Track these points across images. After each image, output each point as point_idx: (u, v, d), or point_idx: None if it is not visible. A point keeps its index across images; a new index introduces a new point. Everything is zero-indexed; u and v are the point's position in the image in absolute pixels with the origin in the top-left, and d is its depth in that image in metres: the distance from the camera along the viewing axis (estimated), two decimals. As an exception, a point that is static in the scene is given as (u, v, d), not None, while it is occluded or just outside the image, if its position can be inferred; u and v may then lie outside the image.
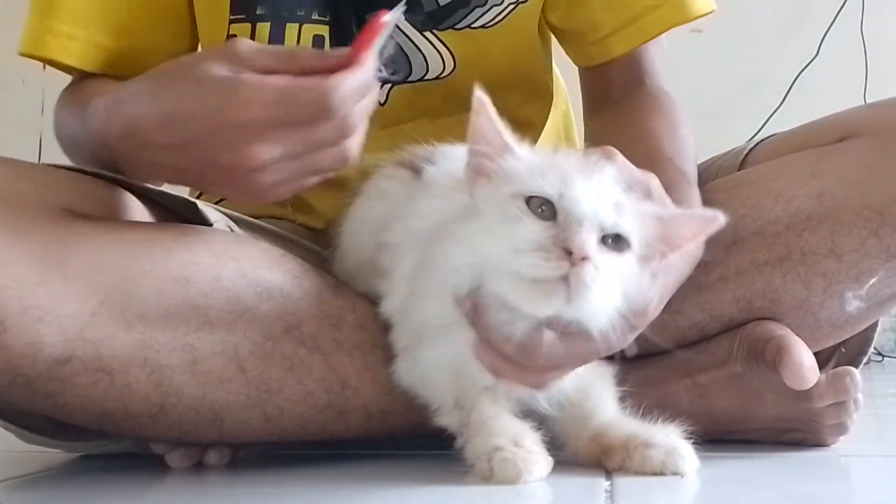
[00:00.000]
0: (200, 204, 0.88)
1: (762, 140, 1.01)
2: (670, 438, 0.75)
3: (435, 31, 1.01)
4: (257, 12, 0.99)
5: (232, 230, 0.90)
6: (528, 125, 1.03)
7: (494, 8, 1.01)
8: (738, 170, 0.98)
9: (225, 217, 0.90)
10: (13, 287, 0.73)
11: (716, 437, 0.87)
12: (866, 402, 0.89)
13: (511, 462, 0.72)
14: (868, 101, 1.97)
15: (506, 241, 0.70)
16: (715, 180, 0.97)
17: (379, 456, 0.86)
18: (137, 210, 0.85)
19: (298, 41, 1.00)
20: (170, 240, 0.81)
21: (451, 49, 1.02)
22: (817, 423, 0.89)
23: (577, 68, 1.08)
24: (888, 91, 2.08)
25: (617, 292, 0.70)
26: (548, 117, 1.12)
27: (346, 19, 1.00)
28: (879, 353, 2.00)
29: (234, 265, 0.81)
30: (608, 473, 0.76)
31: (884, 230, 0.87)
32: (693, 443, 0.76)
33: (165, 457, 0.86)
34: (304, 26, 1.00)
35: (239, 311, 0.80)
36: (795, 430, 0.90)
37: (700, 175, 0.99)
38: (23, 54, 0.99)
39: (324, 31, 1.00)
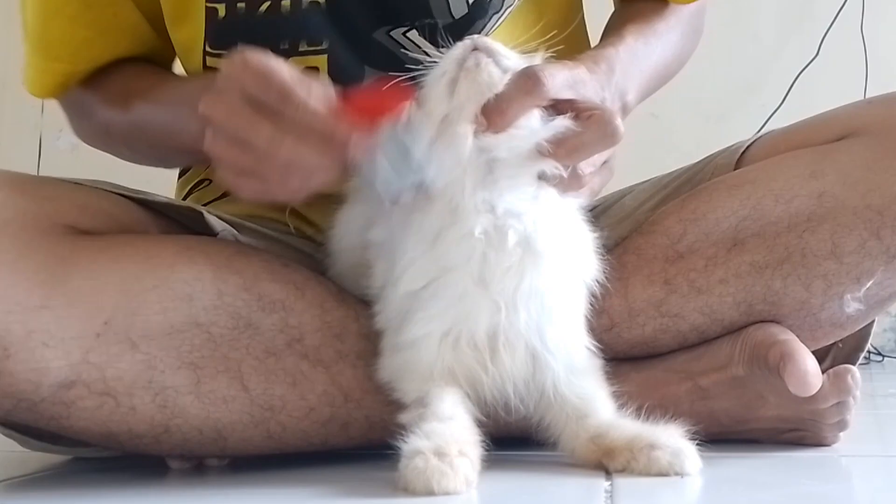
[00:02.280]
0: (206, 213, 0.88)
1: (759, 137, 1.00)
2: (675, 439, 0.75)
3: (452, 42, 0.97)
4: (238, 48, 0.95)
5: (236, 238, 0.89)
6: None
7: (510, 9, 0.98)
8: (735, 167, 0.97)
9: (228, 226, 0.90)
10: (17, 311, 0.73)
11: (716, 437, 0.87)
12: (866, 402, 0.89)
13: (420, 472, 0.68)
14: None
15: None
16: (712, 178, 0.96)
17: (379, 456, 0.85)
18: (142, 221, 0.85)
19: None
20: (172, 255, 0.80)
21: None
22: (819, 422, 0.89)
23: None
24: (888, 91, 2.08)
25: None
26: None
27: (363, 40, 0.94)
28: (879, 353, 2.00)
29: (237, 279, 0.81)
30: (608, 473, 0.76)
31: (884, 231, 0.87)
32: (694, 443, 0.76)
33: (166, 458, 0.86)
34: (290, 60, 0.90)
35: (241, 326, 0.80)
36: (797, 429, 0.90)
37: (697, 173, 0.99)
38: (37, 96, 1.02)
39: (318, 62, 0.94)
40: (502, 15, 0.98)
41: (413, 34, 0.95)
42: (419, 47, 0.95)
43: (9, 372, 0.73)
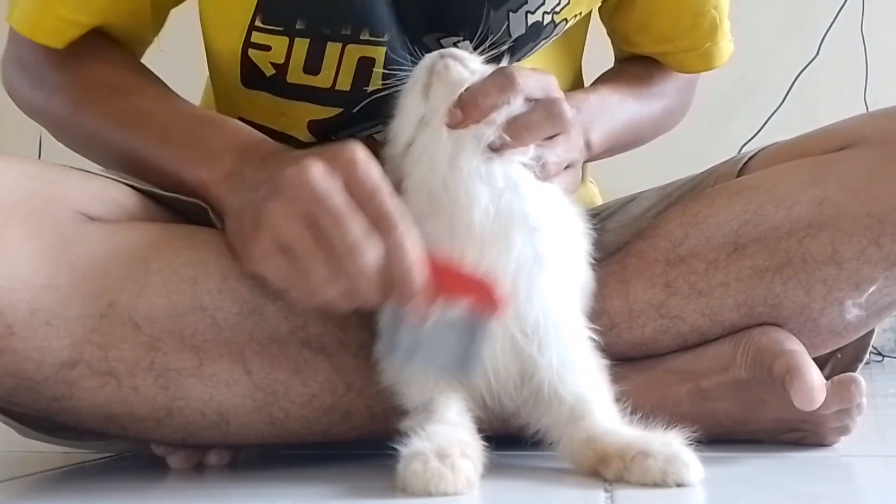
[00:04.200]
0: (211, 211, 0.88)
1: (762, 149, 1.01)
2: (670, 446, 0.71)
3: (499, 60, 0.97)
4: (297, 26, 0.92)
5: None
6: None
7: (551, 39, 1.00)
8: (738, 177, 0.98)
9: None
10: (21, 289, 0.73)
11: (717, 438, 0.87)
12: (867, 402, 0.89)
13: (419, 474, 0.67)
14: (868, 102, 1.99)
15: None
16: (714, 186, 0.97)
17: (380, 456, 0.85)
18: (149, 213, 0.85)
19: (339, 64, 0.94)
20: (177, 241, 0.81)
21: None
22: (820, 425, 0.89)
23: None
24: (888, 91, 2.09)
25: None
26: None
27: (413, 41, 0.94)
28: (879, 353, 2.00)
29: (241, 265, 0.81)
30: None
31: (884, 239, 0.87)
32: (694, 445, 0.75)
33: (166, 458, 0.86)
34: (349, 47, 0.93)
35: (245, 311, 0.80)
36: (797, 430, 0.90)
37: (700, 183, 1.00)
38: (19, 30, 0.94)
39: (376, 53, 0.93)
40: (547, 42, 1.00)
41: (465, 45, 0.95)
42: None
43: (12, 349, 0.73)
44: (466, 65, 0.82)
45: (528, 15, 0.95)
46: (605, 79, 1.10)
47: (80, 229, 0.78)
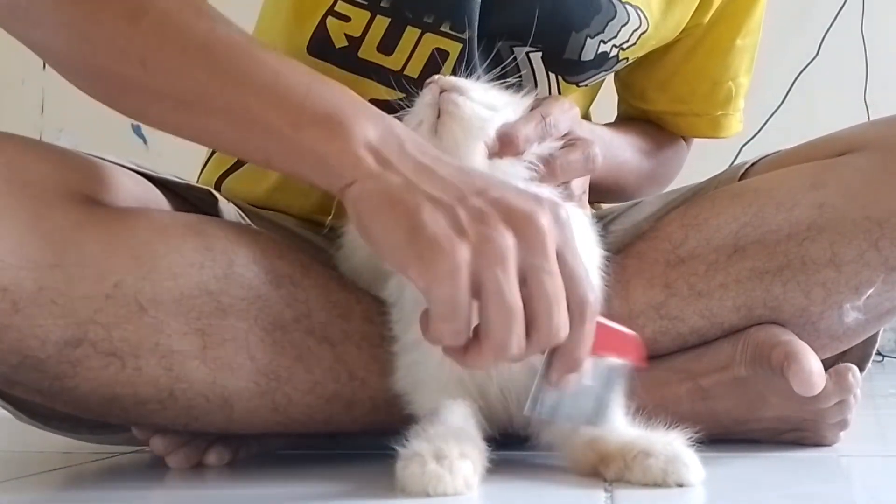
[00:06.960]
0: (221, 200, 0.89)
1: (763, 156, 1.01)
2: (672, 446, 0.71)
3: (560, 77, 1.01)
4: (381, 4, 0.94)
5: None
6: None
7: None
8: None
9: (239, 211, 0.91)
10: (29, 268, 0.73)
11: (717, 438, 0.87)
12: (867, 402, 0.89)
13: (417, 476, 0.67)
14: (868, 102, 1.99)
15: None
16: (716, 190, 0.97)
17: (380, 456, 0.86)
18: (158, 201, 0.85)
19: (413, 49, 0.96)
20: (184, 225, 0.81)
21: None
22: (820, 422, 0.89)
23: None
24: (888, 91, 2.09)
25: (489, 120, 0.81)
26: None
27: (487, 45, 0.95)
28: (879, 353, 2.00)
29: (247, 251, 0.82)
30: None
31: (883, 242, 0.87)
32: (695, 445, 0.75)
33: (165, 457, 0.87)
34: (427, 35, 0.94)
35: (251, 297, 0.81)
36: (797, 429, 0.90)
37: (701, 190, 1.01)
38: None
39: (451, 47, 0.95)
40: (605, 75, 1.04)
41: (536, 57, 0.98)
42: (532, 71, 0.99)
43: (16, 326, 0.73)
44: (472, 97, 0.82)
45: (601, 44, 0.98)
46: (611, 125, 1.13)
47: (90, 212, 0.78)
